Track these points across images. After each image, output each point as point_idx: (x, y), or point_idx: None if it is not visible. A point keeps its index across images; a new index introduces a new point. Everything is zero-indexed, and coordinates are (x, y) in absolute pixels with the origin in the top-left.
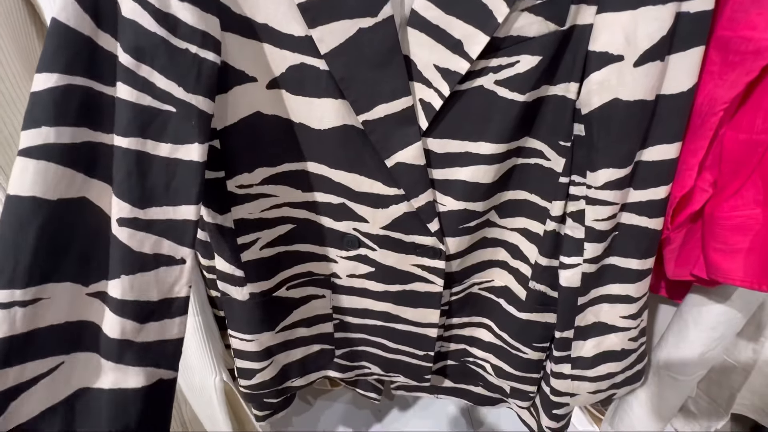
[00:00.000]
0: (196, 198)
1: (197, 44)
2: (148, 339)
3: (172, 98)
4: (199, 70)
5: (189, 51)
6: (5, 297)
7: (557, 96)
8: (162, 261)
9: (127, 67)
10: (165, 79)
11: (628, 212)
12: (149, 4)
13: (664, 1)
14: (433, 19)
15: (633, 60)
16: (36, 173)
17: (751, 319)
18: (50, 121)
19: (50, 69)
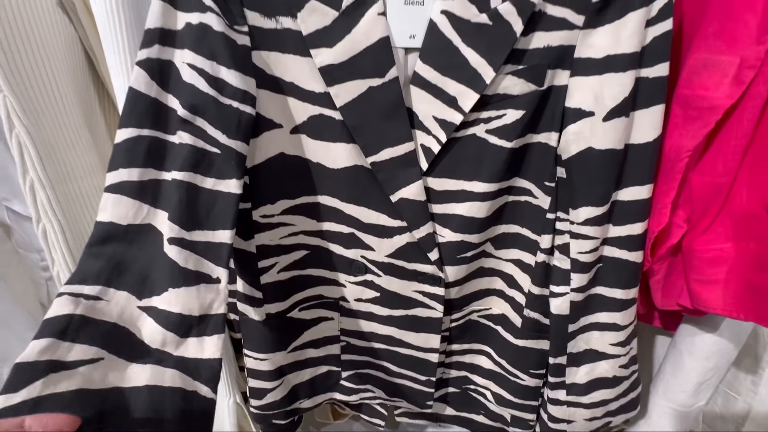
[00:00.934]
0: (231, 224)
1: (239, 100)
2: (186, 354)
3: (218, 143)
4: (239, 121)
5: (232, 106)
6: (75, 289)
7: (540, 143)
8: (202, 278)
9: (185, 119)
10: (213, 128)
11: (610, 246)
12: (204, 71)
13: (624, 69)
14: (431, 79)
15: (602, 116)
16: (113, 204)
17: (748, 351)
18: (124, 165)
19: (126, 125)
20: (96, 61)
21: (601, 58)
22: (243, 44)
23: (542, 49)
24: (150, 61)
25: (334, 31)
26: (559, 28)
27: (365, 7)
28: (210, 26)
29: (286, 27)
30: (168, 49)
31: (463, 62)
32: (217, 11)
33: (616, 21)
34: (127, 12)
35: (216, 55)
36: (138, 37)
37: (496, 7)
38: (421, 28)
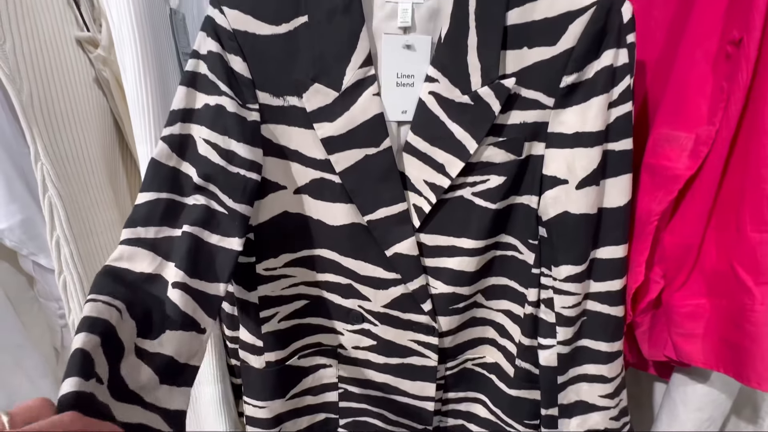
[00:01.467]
0: (227, 278)
1: (246, 169)
2: (156, 402)
3: (226, 206)
4: (245, 187)
5: (240, 174)
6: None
7: (523, 204)
8: (195, 326)
9: (199, 185)
10: (222, 193)
11: (592, 300)
12: (217, 145)
13: (591, 144)
14: (421, 148)
15: (575, 184)
16: (129, 254)
17: (746, 401)
18: (142, 223)
19: (147, 189)
20: (122, 126)
21: (571, 134)
22: (253, 120)
23: (519, 125)
24: (172, 137)
25: (334, 108)
26: (532, 108)
27: (362, 89)
28: (224, 107)
29: (291, 104)
30: (188, 125)
31: (449, 135)
32: (231, 95)
33: (582, 103)
34: (155, 93)
35: (228, 130)
36: (161, 111)
37: (476, 90)
38: (411, 104)
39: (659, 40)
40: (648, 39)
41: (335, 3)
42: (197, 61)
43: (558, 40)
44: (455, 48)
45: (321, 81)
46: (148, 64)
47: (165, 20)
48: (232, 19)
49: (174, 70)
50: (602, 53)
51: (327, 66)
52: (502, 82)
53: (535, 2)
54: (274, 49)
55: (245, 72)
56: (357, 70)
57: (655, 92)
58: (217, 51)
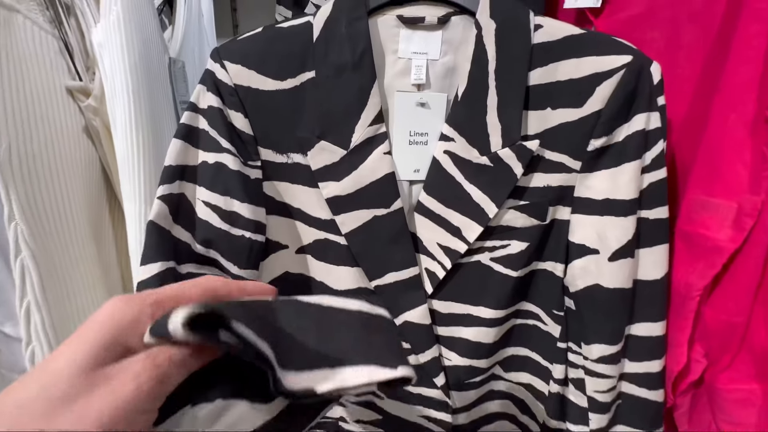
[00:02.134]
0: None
1: (251, 231)
2: None
3: (229, 273)
4: (250, 250)
5: (245, 236)
6: None
7: (546, 271)
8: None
9: (199, 254)
10: (225, 260)
11: (628, 382)
12: (218, 207)
13: (624, 214)
14: (435, 209)
15: (607, 255)
16: None
17: None
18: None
19: (150, 261)
20: (111, 175)
21: (600, 200)
22: (255, 177)
23: (543, 188)
24: (171, 196)
25: (341, 167)
26: (557, 171)
27: (372, 147)
28: (226, 165)
29: (296, 162)
30: (184, 183)
31: (466, 197)
32: (233, 151)
33: (612, 168)
34: (146, 148)
35: (230, 190)
36: (153, 168)
37: (496, 152)
38: (424, 163)
39: (687, 97)
40: (674, 96)
41: (345, 58)
42: (195, 115)
43: (584, 102)
44: (473, 107)
45: (328, 138)
46: (141, 117)
47: (163, 70)
48: (234, 74)
49: (171, 122)
50: (633, 117)
51: (335, 123)
52: (524, 144)
53: (558, 62)
54: (278, 105)
55: (247, 128)
56: (367, 127)
57: (684, 153)
58: (217, 106)
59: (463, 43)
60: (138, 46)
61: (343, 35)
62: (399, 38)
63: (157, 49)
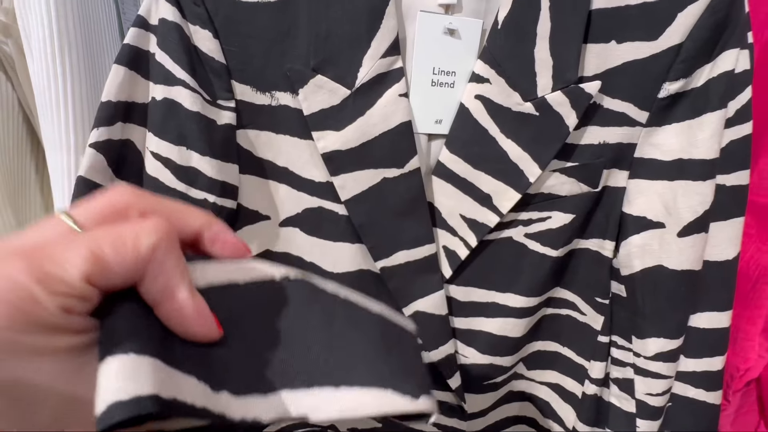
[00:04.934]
0: None
1: (216, 194)
2: None
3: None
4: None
5: (207, 201)
6: None
7: (590, 251)
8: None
9: None
10: None
11: (682, 383)
12: (169, 161)
13: (704, 177)
14: (460, 172)
15: (676, 230)
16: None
17: None
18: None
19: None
20: (31, 115)
21: (671, 161)
22: (226, 123)
23: (597, 146)
24: (109, 143)
25: (343, 111)
26: (617, 124)
27: (384, 87)
28: (179, 103)
29: (283, 104)
30: (130, 126)
31: (500, 155)
32: (193, 85)
33: (688, 120)
34: (76, 79)
35: (187, 138)
36: (87, 105)
37: (544, 96)
38: (449, 112)
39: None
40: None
41: None
42: (143, 32)
43: (660, 34)
44: (518, 37)
45: (326, 72)
46: (66, 35)
47: None
48: None
49: (113, 44)
50: (719, 54)
51: (336, 52)
52: (581, 87)
53: None
54: (261, 24)
55: (216, 54)
56: (378, 60)
57: (760, 106)
58: (173, 20)
59: None
60: None
61: None
62: None
63: None
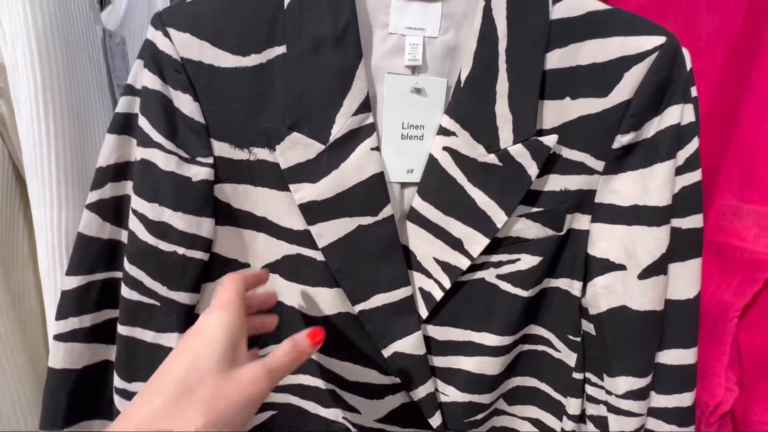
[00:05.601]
0: None
1: (185, 246)
2: None
3: (157, 295)
4: (183, 270)
5: (176, 252)
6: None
7: (560, 289)
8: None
9: (125, 270)
10: (151, 279)
11: (655, 418)
12: (145, 217)
13: (658, 223)
14: (432, 218)
15: (637, 272)
16: (65, 352)
17: None
18: (75, 313)
19: (76, 272)
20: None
21: (628, 207)
22: (202, 179)
23: (559, 192)
24: (101, 203)
25: (318, 165)
26: (577, 172)
27: (356, 141)
28: (154, 163)
29: (260, 159)
30: (123, 184)
31: (469, 202)
32: (168, 147)
33: (640, 169)
34: (64, 138)
35: (159, 195)
36: (74, 163)
37: (506, 149)
38: (419, 162)
39: (708, 91)
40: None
41: (324, 30)
42: (132, 98)
43: (610, 91)
44: (479, 95)
45: (302, 129)
46: (53, 97)
47: (92, 43)
48: (180, 45)
49: (103, 107)
50: (666, 109)
51: (310, 111)
52: (540, 140)
53: (581, 43)
54: (239, 87)
55: (196, 115)
56: (350, 117)
57: (709, 154)
58: (154, 88)
59: (467, 18)
60: (51, 5)
61: (322, 2)
62: (390, 9)
63: (83, 15)
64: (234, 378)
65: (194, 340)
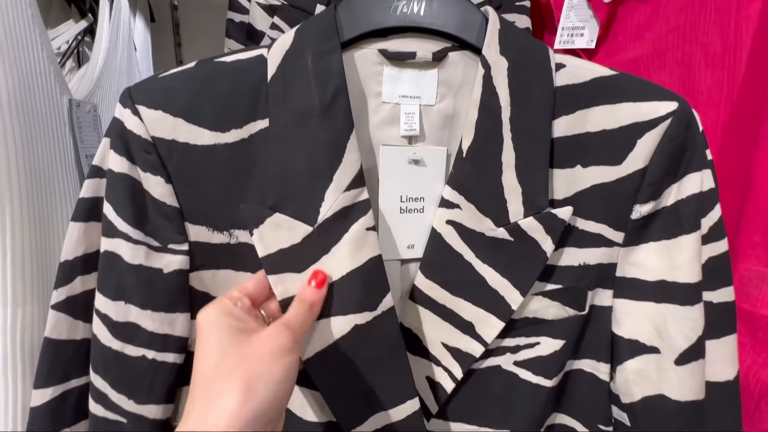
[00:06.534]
0: None
1: (156, 349)
2: None
3: (122, 411)
4: (153, 377)
5: (145, 357)
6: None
7: (585, 372)
8: None
9: (91, 380)
10: (116, 392)
11: None
12: (108, 318)
13: (691, 302)
14: (438, 298)
15: (672, 357)
16: None
17: None
18: (48, 425)
19: (46, 383)
20: None
21: (654, 282)
22: (174, 270)
23: (578, 267)
24: (69, 301)
25: (305, 250)
26: (595, 245)
27: (350, 221)
28: (119, 256)
29: (242, 241)
30: (92, 277)
31: (478, 281)
32: (134, 237)
33: (663, 240)
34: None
35: (124, 292)
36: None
37: (517, 222)
38: (421, 237)
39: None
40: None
41: (311, 102)
42: (98, 180)
43: (624, 159)
44: (484, 166)
45: (285, 210)
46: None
47: (57, 117)
48: (151, 122)
49: (69, 183)
50: (684, 176)
51: (295, 188)
52: (554, 212)
53: (588, 109)
54: (218, 165)
55: (168, 198)
56: (342, 193)
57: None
58: (120, 170)
59: (465, 86)
60: (8, 80)
61: (308, 72)
62: (382, 78)
63: (46, 88)
64: (252, 341)
65: (198, 347)
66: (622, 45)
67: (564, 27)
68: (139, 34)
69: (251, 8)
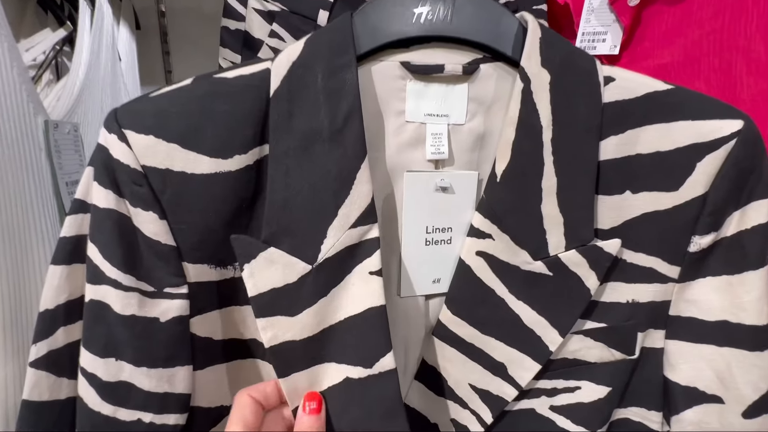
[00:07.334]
0: None
1: (153, 411)
2: None
3: None
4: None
5: (141, 421)
6: None
7: (632, 421)
8: None
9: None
10: None
11: None
12: (95, 378)
13: (761, 347)
14: (466, 336)
15: (740, 409)
16: None
17: None
18: None
19: None
20: None
21: (714, 322)
22: (173, 317)
23: (626, 305)
24: (53, 356)
25: (300, 291)
26: (646, 281)
27: (353, 262)
28: (107, 306)
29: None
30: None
31: (512, 319)
32: (125, 283)
33: (725, 275)
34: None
35: (115, 348)
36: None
37: (557, 256)
38: (448, 269)
39: None
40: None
41: (318, 123)
42: (81, 216)
43: (681, 185)
44: (521, 192)
45: (281, 244)
46: None
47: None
48: (141, 150)
49: (47, 214)
50: (747, 203)
51: (294, 221)
52: (599, 246)
53: (639, 128)
54: (220, 195)
55: (162, 236)
56: (347, 230)
57: None
58: (106, 206)
59: (498, 102)
60: None
61: (318, 89)
62: (405, 94)
63: (17, 107)
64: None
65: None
66: (649, 51)
67: (584, 32)
68: (123, 43)
69: (248, 15)
